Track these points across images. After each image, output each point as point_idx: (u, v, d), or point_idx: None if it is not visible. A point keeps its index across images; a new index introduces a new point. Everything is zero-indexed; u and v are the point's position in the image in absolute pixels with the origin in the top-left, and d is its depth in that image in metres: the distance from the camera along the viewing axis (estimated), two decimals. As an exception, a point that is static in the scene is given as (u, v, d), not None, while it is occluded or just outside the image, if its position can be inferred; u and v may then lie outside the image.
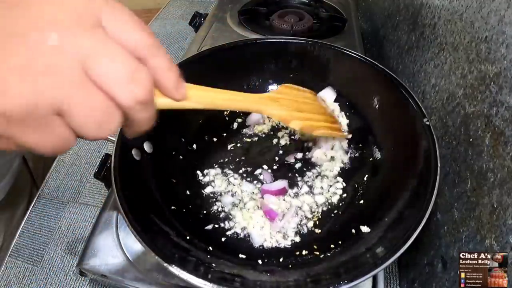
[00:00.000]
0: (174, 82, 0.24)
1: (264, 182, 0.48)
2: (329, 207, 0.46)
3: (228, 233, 0.43)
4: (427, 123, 0.40)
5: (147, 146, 0.45)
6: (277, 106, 0.39)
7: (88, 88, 0.18)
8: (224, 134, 0.55)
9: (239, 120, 0.56)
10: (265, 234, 0.42)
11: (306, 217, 0.45)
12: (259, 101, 0.38)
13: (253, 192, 0.47)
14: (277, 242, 0.42)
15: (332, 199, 0.46)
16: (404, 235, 0.32)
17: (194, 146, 0.53)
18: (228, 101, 0.33)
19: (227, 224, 0.44)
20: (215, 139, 0.54)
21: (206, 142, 0.53)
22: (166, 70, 0.22)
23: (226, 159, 0.51)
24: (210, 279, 0.30)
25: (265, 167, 0.50)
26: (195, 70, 0.53)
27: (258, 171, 0.50)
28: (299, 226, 0.44)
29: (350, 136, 0.51)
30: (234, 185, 0.48)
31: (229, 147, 0.53)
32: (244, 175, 0.49)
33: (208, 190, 0.48)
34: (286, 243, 0.42)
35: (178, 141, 0.51)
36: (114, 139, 0.41)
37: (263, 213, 0.44)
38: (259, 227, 0.43)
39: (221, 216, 0.45)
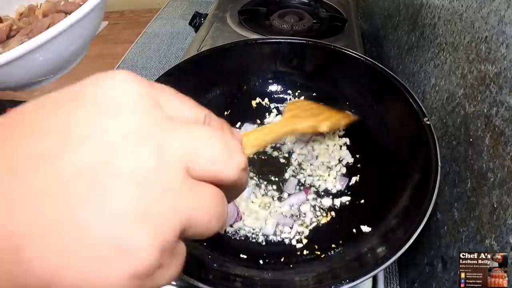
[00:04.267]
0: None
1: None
2: (330, 207, 0.46)
3: (230, 233, 0.43)
4: (428, 122, 0.40)
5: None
6: (301, 120, 0.43)
7: (197, 188, 0.16)
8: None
9: (239, 123, 0.56)
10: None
11: (308, 217, 0.45)
12: (292, 123, 0.41)
13: (253, 192, 0.47)
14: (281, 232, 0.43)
15: (333, 199, 0.46)
16: (404, 235, 0.32)
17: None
18: (271, 134, 0.34)
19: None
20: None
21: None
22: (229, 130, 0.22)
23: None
24: (211, 279, 0.30)
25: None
26: (195, 70, 0.53)
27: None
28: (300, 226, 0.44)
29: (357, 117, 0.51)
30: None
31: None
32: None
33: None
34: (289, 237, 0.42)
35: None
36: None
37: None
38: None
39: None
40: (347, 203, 0.46)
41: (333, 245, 0.40)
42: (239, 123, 0.56)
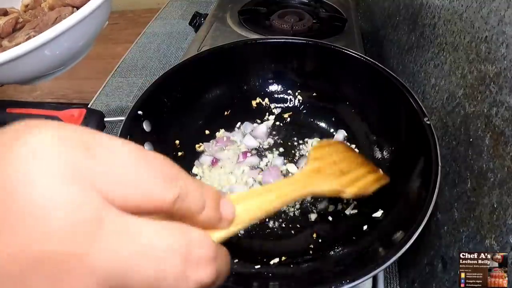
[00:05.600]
0: (216, 215, 0.18)
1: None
2: (330, 207, 0.46)
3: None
4: (428, 122, 0.40)
5: (147, 147, 0.45)
6: (323, 179, 0.34)
7: None
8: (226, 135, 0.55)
9: (239, 123, 0.56)
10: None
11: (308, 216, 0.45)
12: (307, 181, 0.33)
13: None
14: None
15: (333, 199, 0.46)
16: (404, 235, 0.32)
17: (196, 146, 0.53)
18: (278, 200, 0.26)
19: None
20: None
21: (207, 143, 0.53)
22: (201, 206, 0.17)
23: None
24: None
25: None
26: (195, 70, 0.53)
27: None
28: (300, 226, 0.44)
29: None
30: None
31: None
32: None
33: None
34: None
35: (178, 142, 0.51)
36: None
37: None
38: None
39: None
40: (348, 203, 0.46)
41: (333, 245, 0.40)
42: (239, 123, 0.56)
